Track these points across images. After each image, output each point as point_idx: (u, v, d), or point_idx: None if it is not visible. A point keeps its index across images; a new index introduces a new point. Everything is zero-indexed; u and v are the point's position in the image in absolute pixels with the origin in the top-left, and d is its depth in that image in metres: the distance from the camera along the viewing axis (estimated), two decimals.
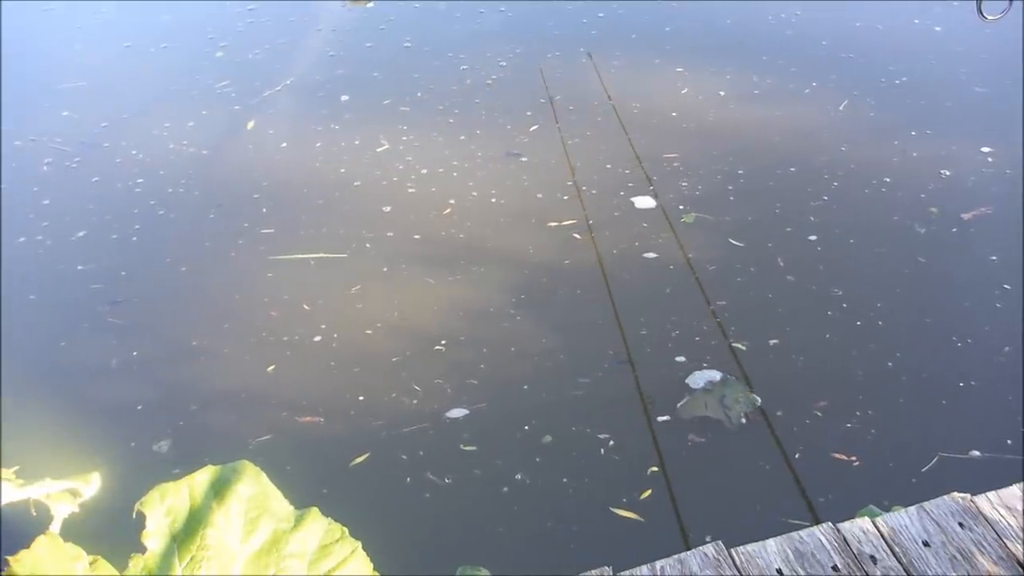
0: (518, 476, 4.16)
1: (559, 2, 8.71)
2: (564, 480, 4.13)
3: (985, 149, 6.18)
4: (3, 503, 2.66)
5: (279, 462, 4.20)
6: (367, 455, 4.33)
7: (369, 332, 5.00)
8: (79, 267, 5.60)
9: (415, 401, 4.58)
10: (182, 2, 9.24)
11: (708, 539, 3.70)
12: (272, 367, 4.83)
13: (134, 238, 5.82)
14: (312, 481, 4.17)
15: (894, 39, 7.87)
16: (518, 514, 4.01)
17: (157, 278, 5.52)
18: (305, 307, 5.16)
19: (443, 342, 4.90)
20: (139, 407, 4.68)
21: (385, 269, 5.40)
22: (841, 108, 6.78)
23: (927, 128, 6.49)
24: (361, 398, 4.63)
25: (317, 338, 4.96)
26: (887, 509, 3.20)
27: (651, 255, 5.37)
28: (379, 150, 6.52)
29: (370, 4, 8.90)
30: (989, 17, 5.57)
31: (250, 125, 6.92)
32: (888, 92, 6.99)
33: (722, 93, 7.05)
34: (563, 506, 4.03)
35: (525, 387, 4.63)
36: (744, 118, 6.72)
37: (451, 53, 7.82)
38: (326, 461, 4.31)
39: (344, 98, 7.21)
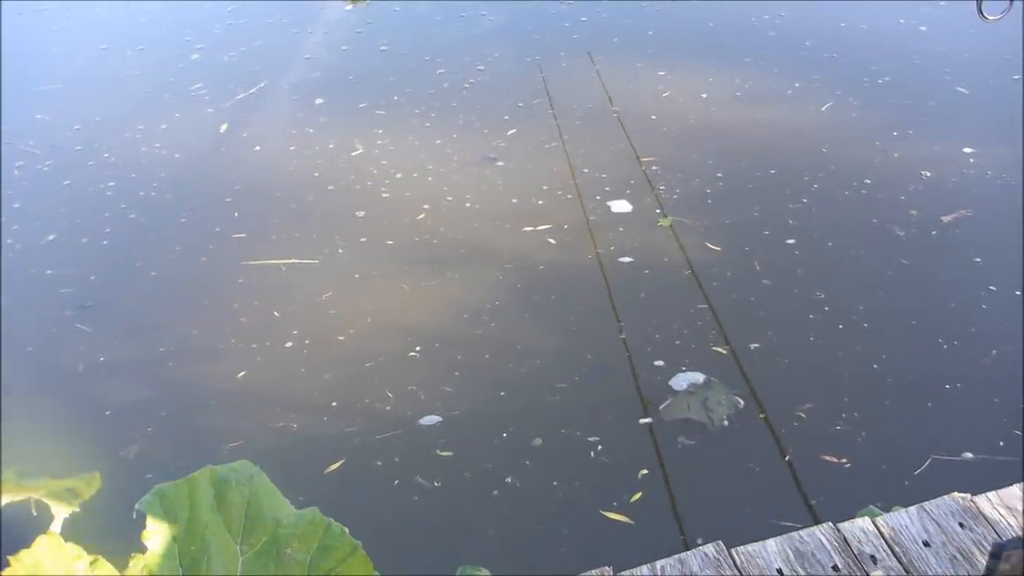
0: (508, 479, 4.11)
1: (542, 6, 8.65)
2: (554, 484, 4.08)
3: (967, 150, 6.13)
4: (3, 503, 2.61)
5: None
6: (341, 461, 4.26)
7: (341, 338, 4.93)
8: (48, 271, 5.53)
9: (388, 408, 4.52)
10: (163, 3, 9.17)
11: (700, 541, 3.67)
12: (242, 373, 4.76)
13: (105, 242, 5.75)
14: (287, 488, 4.06)
15: (879, 39, 7.83)
16: (508, 517, 3.98)
17: (127, 283, 5.45)
18: (276, 314, 5.08)
19: (417, 348, 4.83)
20: (107, 412, 4.61)
21: (357, 275, 5.33)
22: (823, 109, 6.72)
23: (909, 129, 6.45)
24: (334, 404, 4.57)
25: (288, 344, 4.89)
26: (886, 509, 3.14)
27: (627, 259, 5.30)
28: (354, 154, 6.45)
29: (358, 4, 8.82)
30: (990, 17, 5.54)
31: (223, 128, 6.84)
32: (871, 92, 6.94)
33: (704, 96, 7.00)
34: (553, 510, 3.97)
35: (502, 393, 4.56)
36: (725, 120, 6.67)
37: (428, 57, 7.75)
38: (301, 467, 4.24)
39: (319, 101, 7.15)
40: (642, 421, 4.33)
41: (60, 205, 6.12)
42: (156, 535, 2.34)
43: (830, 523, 2.93)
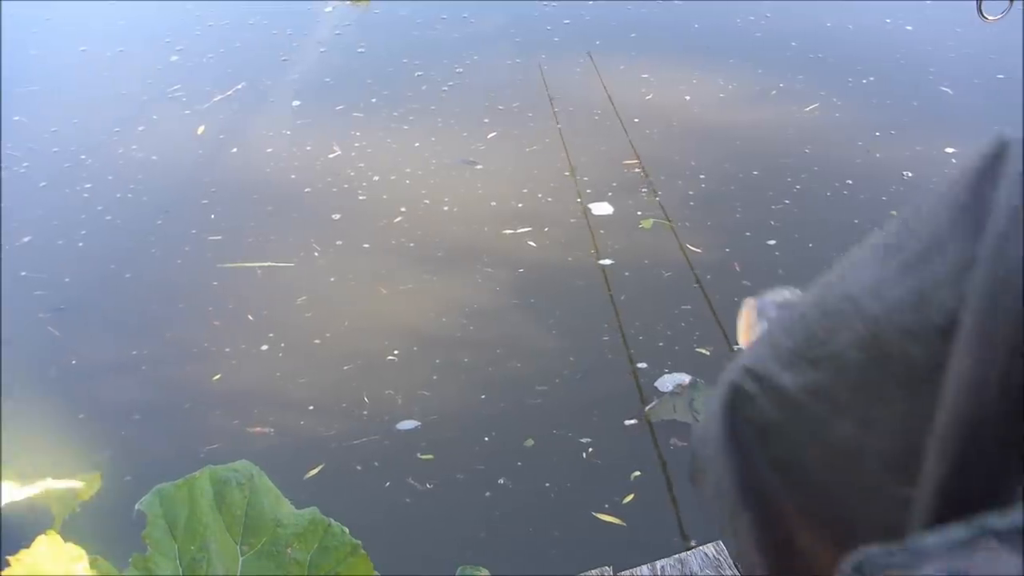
0: (501, 480, 4.08)
1: (524, 8, 8.60)
2: (546, 485, 4.05)
3: (949, 150, 6.10)
4: (3, 503, 2.57)
5: None
6: (321, 467, 4.22)
7: (317, 341, 4.88)
8: (23, 273, 5.48)
9: (365, 412, 4.47)
10: (144, 5, 9.11)
11: (693, 543, 3.65)
12: (218, 376, 4.71)
13: (80, 244, 5.70)
14: None
15: (864, 39, 7.80)
16: (499, 519, 3.95)
17: (101, 285, 5.40)
18: (250, 317, 5.04)
19: (395, 352, 4.79)
20: (80, 416, 4.56)
21: (333, 278, 5.28)
22: (808, 110, 6.69)
23: (892, 129, 6.42)
24: (311, 408, 4.52)
25: (264, 347, 4.85)
26: None
27: (608, 261, 5.26)
28: (330, 156, 6.39)
29: (359, 4, 8.76)
30: (990, 17, 5.53)
31: (201, 130, 6.78)
32: (855, 93, 6.92)
33: (687, 98, 6.96)
34: (544, 514, 3.94)
35: (483, 396, 4.52)
36: (709, 122, 6.63)
37: (406, 59, 7.68)
38: (280, 472, 4.09)
39: (296, 103, 7.09)
40: (628, 423, 4.29)
41: (36, 207, 6.07)
42: (156, 535, 2.31)
43: None
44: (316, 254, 5.46)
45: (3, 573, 2.28)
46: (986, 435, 0.82)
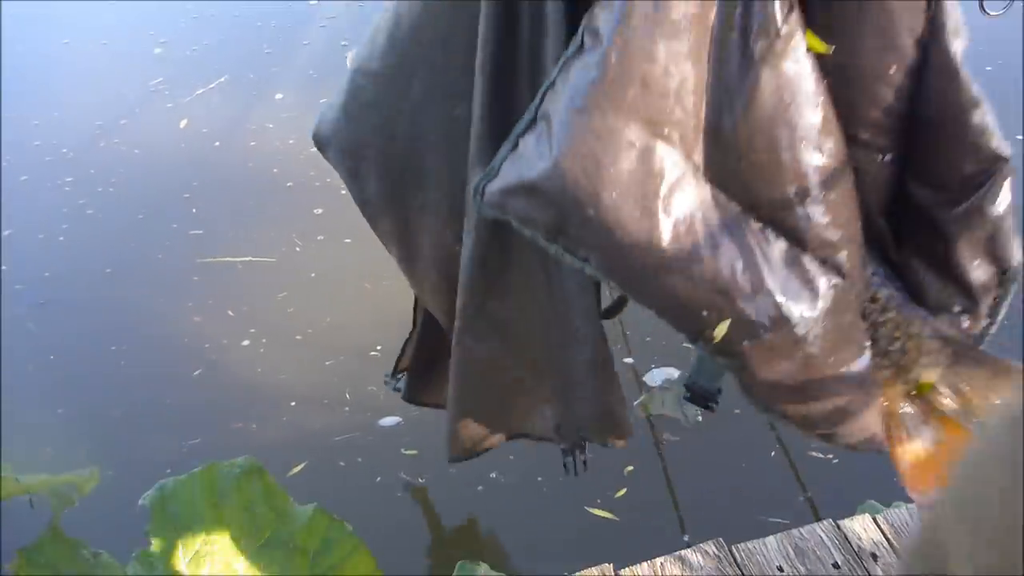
0: (493, 475, 4.07)
1: None
2: (539, 479, 4.04)
3: None
4: (3, 500, 2.55)
5: None
6: (304, 464, 4.22)
7: (299, 337, 4.87)
8: (3, 267, 5.48)
9: (347, 408, 4.48)
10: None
11: (686, 539, 3.65)
12: (198, 371, 4.71)
13: (60, 238, 5.69)
14: None
15: None
16: (493, 513, 3.99)
17: (81, 280, 5.40)
18: (230, 312, 5.04)
19: (378, 347, 4.76)
20: (59, 411, 4.58)
21: (314, 274, 5.28)
22: None
23: None
24: (293, 404, 4.53)
25: (245, 342, 4.84)
26: (887, 505, 3.10)
27: None
28: (313, 150, 6.22)
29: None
30: (992, 13, 5.51)
31: (183, 124, 6.74)
32: None
33: None
34: (538, 508, 3.96)
35: None
36: None
37: None
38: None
39: (279, 96, 7.04)
40: None
41: (16, 201, 6.05)
42: (159, 531, 2.31)
43: (831, 520, 2.95)
44: (298, 249, 5.44)
45: (6, 569, 2.27)
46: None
